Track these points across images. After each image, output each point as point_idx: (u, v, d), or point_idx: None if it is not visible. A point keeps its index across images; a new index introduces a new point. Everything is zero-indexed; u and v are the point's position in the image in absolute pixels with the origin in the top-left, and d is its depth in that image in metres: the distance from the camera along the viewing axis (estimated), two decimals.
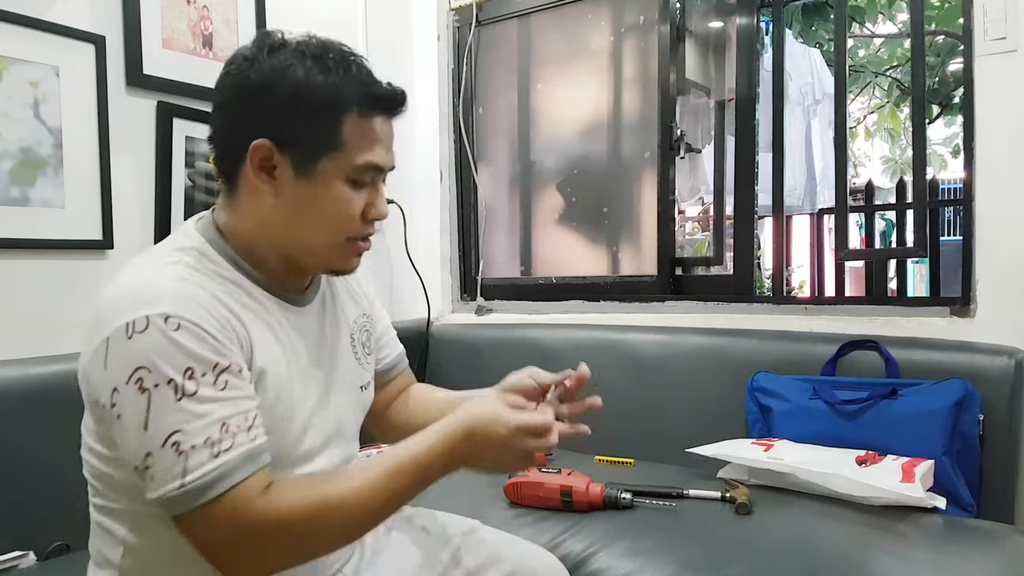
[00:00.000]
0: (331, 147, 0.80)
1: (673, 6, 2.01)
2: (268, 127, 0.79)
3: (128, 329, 0.72)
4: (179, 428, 0.70)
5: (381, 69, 0.88)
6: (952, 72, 5.44)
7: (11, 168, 1.41)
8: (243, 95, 0.81)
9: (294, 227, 0.83)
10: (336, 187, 0.82)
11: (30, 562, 1.20)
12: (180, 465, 0.69)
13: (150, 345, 0.71)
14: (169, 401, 0.70)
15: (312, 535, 0.74)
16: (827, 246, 3.96)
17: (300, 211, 0.82)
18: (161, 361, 0.71)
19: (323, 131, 0.80)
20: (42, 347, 1.39)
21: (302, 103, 0.79)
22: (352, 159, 0.81)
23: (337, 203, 0.82)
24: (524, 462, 0.85)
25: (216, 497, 0.70)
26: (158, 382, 0.70)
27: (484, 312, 2.30)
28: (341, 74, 0.81)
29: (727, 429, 1.57)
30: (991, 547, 1.18)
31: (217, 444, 0.71)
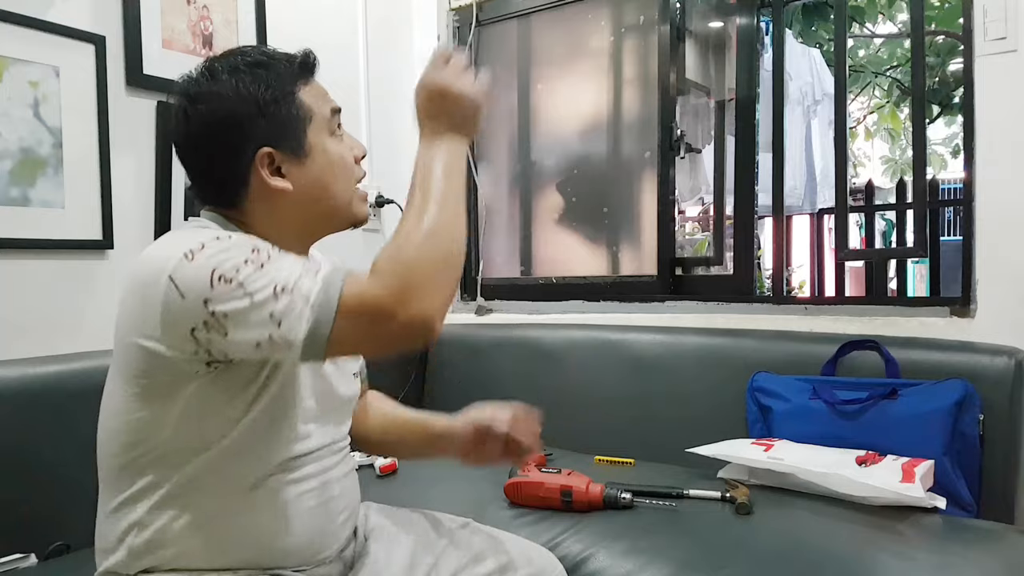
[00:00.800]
0: (305, 119, 0.90)
1: (673, 6, 2.01)
2: (256, 138, 0.86)
3: (187, 257, 0.76)
4: (275, 282, 0.74)
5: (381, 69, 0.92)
6: (952, 72, 5.44)
7: (11, 168, 1.41)
8: (217, 128, 0.87)
9: (321, 200, 0.91)
10: (328, 145, 0.92)
11: (31, 563, 1.20)
12: (298, 299, 0.73)
13: (212, 253, 0.76)
14: (254, 272, 0.75)
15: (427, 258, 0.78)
16: (827, 246, 3.96)
17: (320, 184, 0.90)
18: (228, 255, 0.76)
19: (294, 112, 0.89)
20: (43, 347, 1.39)
21: (268, 103, 0.87)
22: (322, 115, 0.91)
23: (338, 156, 0.92)
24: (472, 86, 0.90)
25: (340, 295, 0.74)
26: (237, 267, 0.75)
27: (484, 312, 2.30)
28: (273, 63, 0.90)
29: (727, 429, 1.57)
30: (991, 547, 1.18)
31: (306, 275, 0.75)
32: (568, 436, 1.79)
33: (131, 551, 0.84)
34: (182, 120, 0.90)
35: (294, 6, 1.97)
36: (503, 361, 2.02)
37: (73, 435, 1.24)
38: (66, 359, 1.35)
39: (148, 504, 0.84)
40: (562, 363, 1.92)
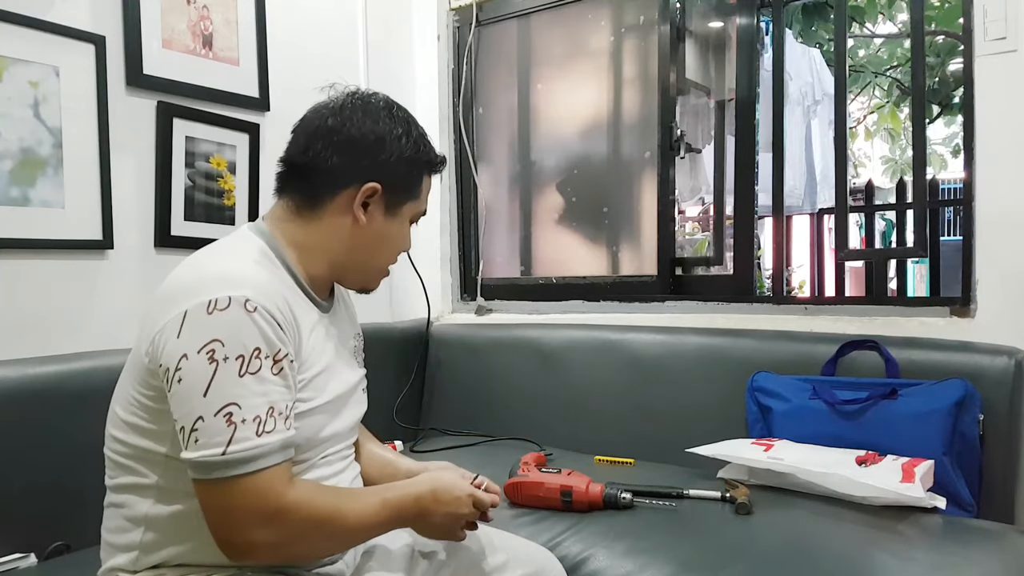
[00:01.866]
0: (413, 196, 1.01)
1: (673, 6, 2.01)
2: (379, 174, 0.96)
3: (210, 305, 0.80)
4: (235, 401, 0.78)
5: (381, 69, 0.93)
6: (952, 72, 5.43)
7: (11, 168, 1.41)
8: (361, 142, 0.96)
9: (368, 251, 1.00)
10: (406, 226, 1.03)
11: (31, 563, 1.20)
12: (227, 434, 0.77)
13: (228, 321, 0.79)
14: (233, 375, 0.78)
15: (320, 535, 0.85)
16: (827, 246, 3.96)
17: (379, 240, 1.00)
18: (235, 338, 0.79)
19: (414, 184, 1.01)
20: (42, 347, 1.39)
21: (408, 162, 0.99)
22: (421, 206, 1.04)
23: (403, 238, 1.04)
24: (457, 530, 0.99)
25: (251, 472, 0.78)
26: (228, 356, 0.78)
27: (484, 312, 2.30)
28: (427, 143, 1.03)
29: (727, 429, 1.57)
30: (991, 547, 1.18)
31: (263, 424, 0.79)
32: (568, 436, 1.80)
33: (141, 547, 0.85)
34: (346, 113, 0.96)
35: (294, 6, 1.97)
36: (503, 361, 2.02)
37: (73, 435, 1.24)
38: (66, 359, 1.35)
39: (156, 502, 0.85)
40: (562, 363, 1.92)
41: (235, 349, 0.78)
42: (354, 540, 0.93)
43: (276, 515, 0.80)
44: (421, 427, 2.05)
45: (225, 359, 0.78)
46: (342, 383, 0.98)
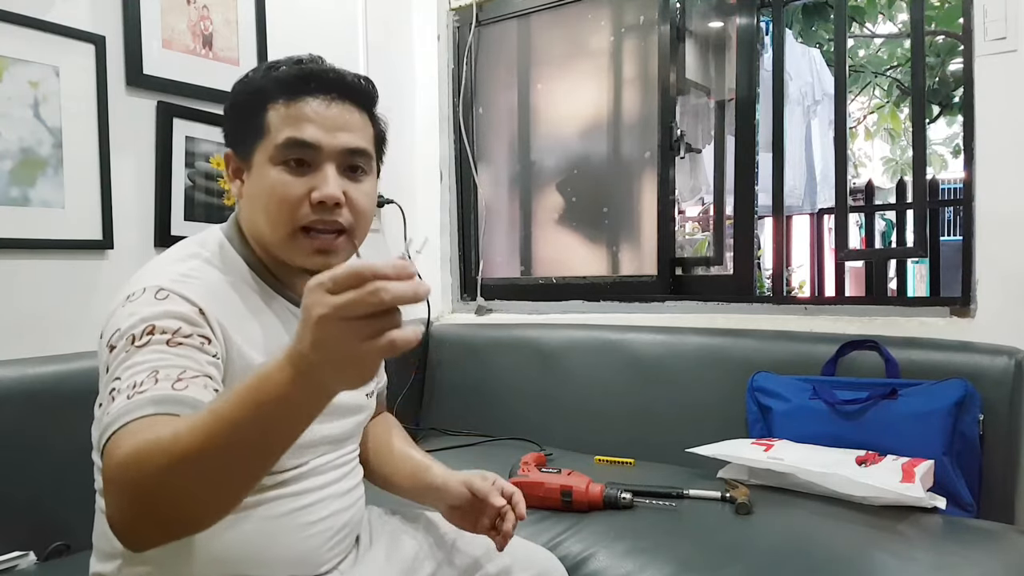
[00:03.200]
0: (258, 136, 0.85)
1: (673, 6, 2.01)
2: (227, 137, 0.90)
3: (126, 299, 0.78)
4: (119, 376, 0.71)
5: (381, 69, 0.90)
6: (952, 72, 5.43)
7: (11, 168, 1.41)
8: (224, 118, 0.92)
9: (255, 222, 0.88)
10: (268, 172, 0.84)
11: (30, 562, 1.20)
12: (106, 410, 0.68)
13: (133, 308, 0.76)
14: (121, 354, 0.73)
15: (145, 480, 0.60)
16: (827, 246, 3.96)
17: (252, 204, 0.87)
18: (131, 320, 0.74)
19: (251, 124, 0.86)
20: (42, 347, 1.39)
21: (236, 107, 0.89)
22: (274, 140, 0.84)
23: (271, 187, 0.84)
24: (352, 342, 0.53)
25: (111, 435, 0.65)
26: (123, 336, 0.74)
27: (484, 312, 2.30)
28: (269, 71, 0.87)
29: (727, 429, 1.57)
30: (991, 547, 1.18)
31: (138, 387, 0.68)
32: (568, 436, 1.80)
33: (125, 557, 0.83)
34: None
35: (294, 6, 1.97)
36: (503, 361, 2.02)
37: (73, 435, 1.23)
38: (66, 359, 1.35)
39: None
40: (562, 363, 1.92)
41: (129, 330, 0.73)
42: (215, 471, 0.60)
43: (106, 479, 0.63)
44: (421, 427, 2.05)
45: (120, 342, 0.73)
46: None
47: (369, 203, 0.90)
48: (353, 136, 0.87)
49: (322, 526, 0.90)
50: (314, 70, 0.86)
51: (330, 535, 0.92)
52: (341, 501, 0.94)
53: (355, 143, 0.87)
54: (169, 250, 0.90)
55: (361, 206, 0.88)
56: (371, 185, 0.91)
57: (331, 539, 0.92)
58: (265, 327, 0.86)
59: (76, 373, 1.31)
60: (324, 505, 0.90)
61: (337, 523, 0.93)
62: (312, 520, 0.89)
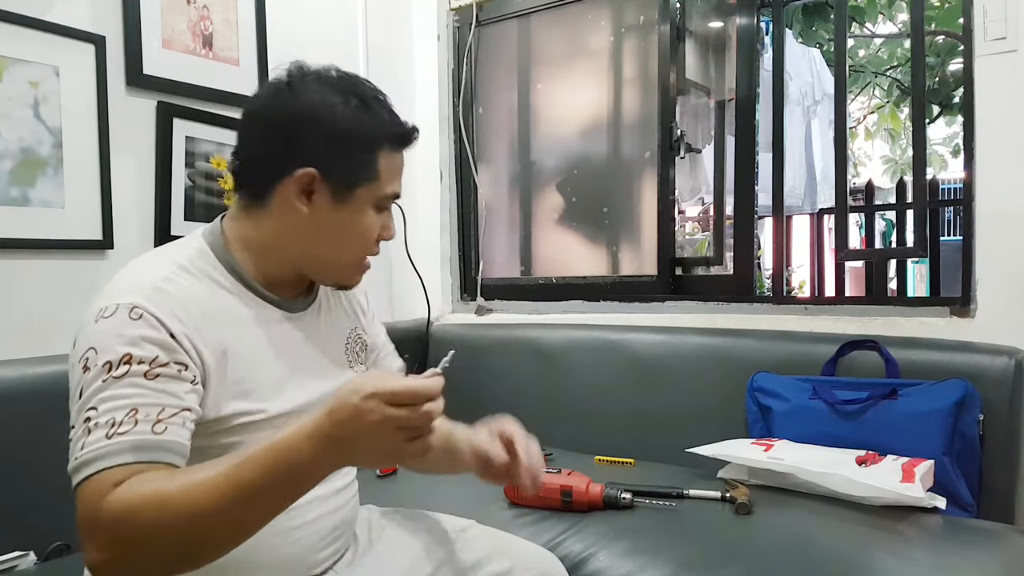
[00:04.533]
0: (368, 178, 0.88)
1: (673, 6, 2.01)
2: (312, 156, 0.85)
3: (99, 313, 0.77)
4: (95, 406, 0.71)
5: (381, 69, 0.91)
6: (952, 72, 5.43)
7: (11, 168, 1.41)
8: (289, 124, 0.85)
9: (323, 246, 0.89)
10: (367, 213, 0.89)
11: (30, 562, 1.20)
12: (81, 441, 0.70)
13: (106, 328, 0.75)
14: (97, 381, 0.72)
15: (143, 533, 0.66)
16: (827, 246, 3.96)
17: (333, 232, 0.89)
18: (106, 344, 0.74)
19: (362, 164, 0.87)
20: (42, 347, 1.39)
21: (347, 138, 0.86)
22: (383, 189, 0.89)
23: (366, 227, 0.90)
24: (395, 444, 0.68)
25: (85, 478, 0.68)
26: (97, 362, 0.73)
27: (484, 312, 2.30)
28: (378, 112, 0.89)
29: (727, 429, 1.57)
30: (991, 547, 1.18)
31: (116, 427, 0.70)
32: (568, 436, 1.80)
33: None
34: (276, 96, 0.87)
35: (294, 6, 1.97)
36: (503, 361, 2.02)
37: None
38: (66, 359, 1.34)
39: None
40: (562, 363, 1.92)
41: (104, 355, 0.73)
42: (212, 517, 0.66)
43: (93, 522, 0.67)
44: None
45: (94, 366, 0.72)
46: (307, 393, 0.89)
47: None
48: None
49: (310, 529, 0.89)
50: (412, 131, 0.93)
51: (319, 537, 0.91)
52: (330, 502, 0.93)
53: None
54: (147, 254, 0.90)
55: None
56: None
57: (321, 541, 0.91)
58: (247, 333, 0.86)
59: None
60: (311, 507, 0.89)
61: (327, 525, 0.92)
62: (298, 524, 0.88)
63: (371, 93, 0.89)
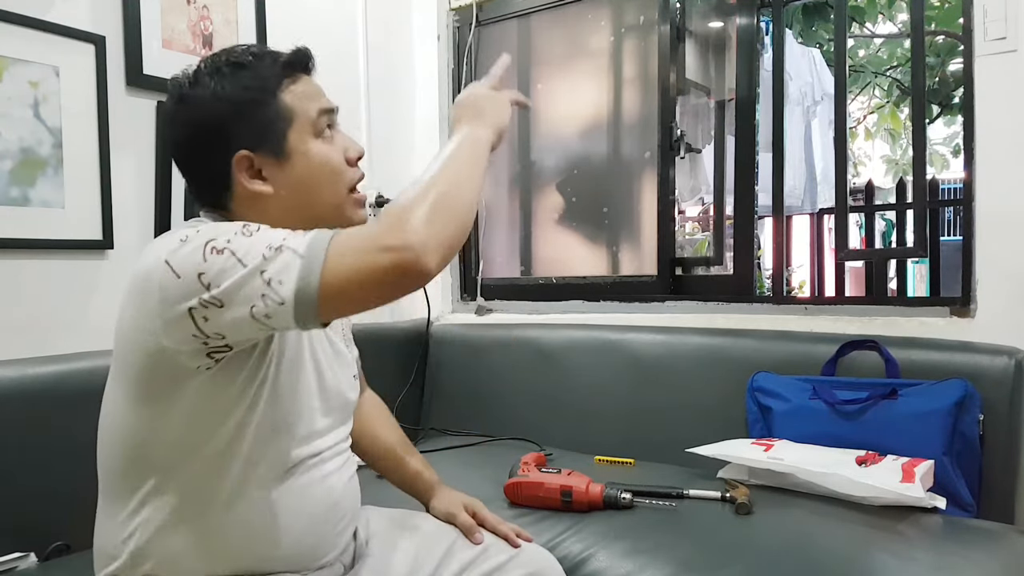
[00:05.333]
0: (287, 121, 0.88)
1: (673, 6, 2.01)
2: (235, 141, 0.86)
3: (183, 241, 0.76)
4: (266, 243, 0.73)
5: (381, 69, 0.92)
6: (952, 72, 5.44)
7: (11, 168, 1.41)
8: (199, 131, 0.88)
9: (306, 204, 0.89)
10: (312, 147, 0.89)
11: (30, 563, 1.20)
12: (288, 250, 0.72)
13: (204, 235, 0.75)
14: (245, 240, 0.74)
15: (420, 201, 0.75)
16: (827, 246, 3.96)
17: (302, 187, 0.89)
18: (219, 231, 0.76)
19: (272, 115, 0.87)
20: (42, 347, 1.39)
21: (242, 106, 0.87)
22: (307, 116, 0.89)
23: (323, 160, 0.90)
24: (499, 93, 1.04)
25: (333, 235, 0.73)
26: (229, 238, 0.74)
27: (484, 312, 2.30)
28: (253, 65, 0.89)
29: (727, 429, 1.57)
30: (991, 547, 1.18)
31: (296, 235, 0.75)
32: (568, 436, 1.80)
33: (132, 556, 0.84)
34: (169, 122, 0.91)
35: (294, 6, 1.97)
36: (503, 361, 2.02)
37: (73, 435, 1.24)
38: (66, 359, 1.35)
39: (150, 509, 0.83)
40: (562, 363, 1.91)
41: (227, 234, 0.75)
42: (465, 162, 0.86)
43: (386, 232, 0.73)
44: (421, 427, 2.05)
45: (228, 241, 0.74)
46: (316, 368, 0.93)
47: None
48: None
49: (329, 514, 0.91)
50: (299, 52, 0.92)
51: (335, 523, 0.93)
52: (343, 490, 0.95)
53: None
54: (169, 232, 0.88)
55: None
56: None
57: (336, 526, 0.93)
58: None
59: (76, 373, 1.31)
60: (329, 493, 0.92)
61: (340, 511, 0.94)
62: (320, 509, 0.90)
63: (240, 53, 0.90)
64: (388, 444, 1.18)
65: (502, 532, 1.09)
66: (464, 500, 1.13)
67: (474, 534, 1.07)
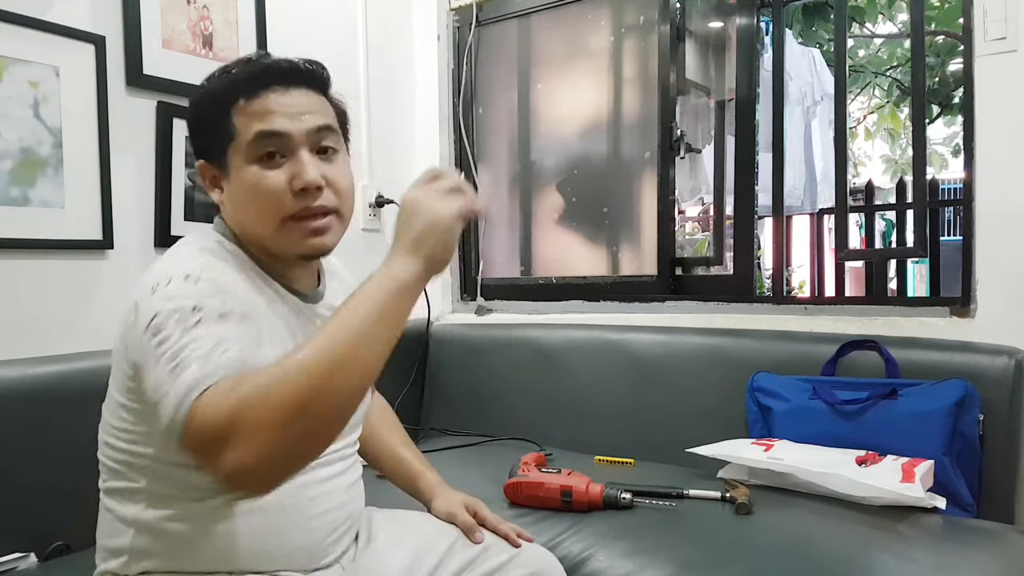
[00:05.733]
0: (228, 139, 0.86)
1: (673, 6, 2.01)
2: (196, 150, 0.92)
3: (153, 288, 0.77)
4: (180, 351, 0.71)
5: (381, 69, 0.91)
6: (952, 72, 5.44)
7: (11, 168, 1.41)
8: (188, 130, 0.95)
9: (243, 224, 0.90)
10: (245, 171, 0.86)
11: (30, 563, 1.20)
12: (174, 383, 0.69)
13: (168, 294, 0.76)
14: (176, 334, 0.72)
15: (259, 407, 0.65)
16: (827, 246, 3.96)
17: (237, 206, 0.89)
18: (173, 304, 0.75)
19: (219, 129, 0.86)
20: (42, 347, 1.39)
21: (202, 114, 0.90)
22: (245, 138, 0.86)
23: (252, 186, 0.86)
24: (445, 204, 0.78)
25: (195, 400, 0.67)
26: (168, 319, 0.73)
27: (484, 312, 2.30)
28: (223, 76, 0.88)
29: (727, 429, 1.57)
30: (991, 547, 1.18)
31: (210, 354, 0.71)
32: (568, 436, 1.80)
33: (131, 552, 0.84)
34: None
35: (294, 7, 1.97)
36: (503, 361, 2.02)
37: (73, 435, 1.24)
38: (66, 359, 1.35)
39: (147, 507, 0.84)
40: (562, 363, 1.91)
41: (172, 313, 0.74)
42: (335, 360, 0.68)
43: (216, 435, 0.65)
44: (421, 427, 2.05)
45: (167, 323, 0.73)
46: None
47: (348, 180, 0.92)
48: (316, 116, 0.88)
49: (328, 517, 0.92)
50: (267, 63, 0.88)
51: (333, 527, 0.93)
52: (345, 494, 0.95)
53: (320, 121, 0.89)
54: (173, 249, 0.89)
55: (341, 184, 0.90)
56: (345, 163, 0.93)
57: (335, 531, 0.93)
58: (280, 318, 0.89)
59: (76, 373, 1.31)
60: (329, 496, 0.92)
61: (340, 516, 0.94)
62: (318, 512, 0.90)
63: (239, 58, 0.90)
64: (391, 445, 1.19)
65: (502, 531, 1.09)
66: (465, 500, 1.13)
67: (474, 533, 1.07)
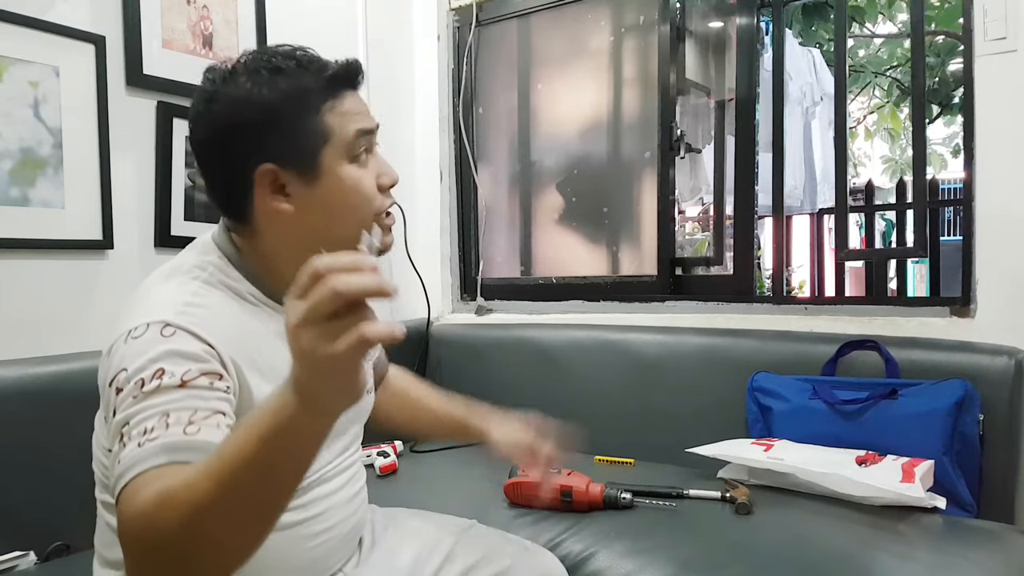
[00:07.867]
0: (322, 140, 0.82)
1: (673, 6, 2.01)
2: (261, 153, 0.80)
3: (128, 334, 0.73)
4: (128, 421, 0.67)
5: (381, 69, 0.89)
6: (952, 72, 5.43)
7: (11, 168, 1.41)
8: (225, 135, 0.81)
9: (327, 227, 0.83)
10: (345, 171, 0.83)
11: (30, 562, 1.20)
12: (118, 456, 0.66)
13: (137, 348, 0.71)
14: (129, 399, 0.68)
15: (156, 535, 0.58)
16: (827, 246, 3.96)
17: (327, 209, 0.83)
18: (139, 361, 0.70)
19: (309, 130, 0.81)
20: (42, 347, 1.39)
21: (278, 115, 0.80)
22: (344, 136, 0.83)
23: (354, 185, 0.84)
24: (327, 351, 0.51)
25: (121, 490, 0.63)
26: (130, 379, 0.69)
27: (484, 312, 2.30)
28: (296, 73, 0.82)
29: (727, 429, 1.57)
30: (991, 547, 1.18)
31: (148, 433, 0.65)
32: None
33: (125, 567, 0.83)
34: (195, 120, 0.84)
35: (294, 6, 1.97)
36: (503, 361, 2.02)
37: (73, 435, 1.23)
38: (66, 359, 1.35)
39: None
40: (562, 363, 1.92)
41: (136, 373, 0.69)
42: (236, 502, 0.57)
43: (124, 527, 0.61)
44: None
45: (126, 384, 0.69)
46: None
47: None
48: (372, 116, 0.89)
49: (330, 534, 0.90)
50: (349, 66, 0.86)
51: (337, 543, 0.91)
52: (346, 508, 0.93)
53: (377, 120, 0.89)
54: (167, 269, 0.85)
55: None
56: None
57: (338, 546, 0.92)
58: (274, 348, 0.81)
59: (76, 373, 1.31)
60: (331, 514, 0.90)
61: (343, 530, 0.92)
62: (319, 530, 0.88)
63: (286, 54, 0.83)
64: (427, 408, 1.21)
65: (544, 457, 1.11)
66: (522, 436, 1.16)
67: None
